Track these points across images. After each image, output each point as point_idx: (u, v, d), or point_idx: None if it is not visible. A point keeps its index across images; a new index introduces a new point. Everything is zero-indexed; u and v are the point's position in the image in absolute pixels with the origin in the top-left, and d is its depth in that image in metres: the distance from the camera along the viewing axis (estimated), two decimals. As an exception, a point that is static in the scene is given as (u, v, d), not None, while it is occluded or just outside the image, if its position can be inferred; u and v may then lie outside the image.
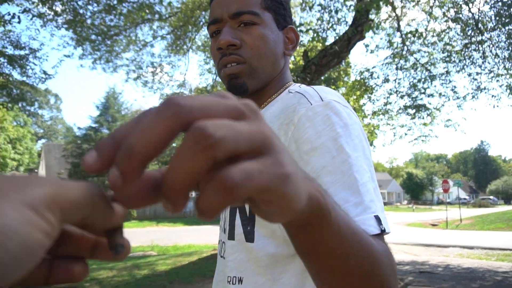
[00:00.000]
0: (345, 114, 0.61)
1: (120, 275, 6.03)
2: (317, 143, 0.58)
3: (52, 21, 8.34)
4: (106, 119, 25.37)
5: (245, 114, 0.24)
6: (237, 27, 0.73)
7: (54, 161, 33.08)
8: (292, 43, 0.80)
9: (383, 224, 0.52)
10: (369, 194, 0.54)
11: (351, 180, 0.54)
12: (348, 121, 0.60)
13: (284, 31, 0.78)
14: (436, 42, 8.04)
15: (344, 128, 0.58)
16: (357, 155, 0.57)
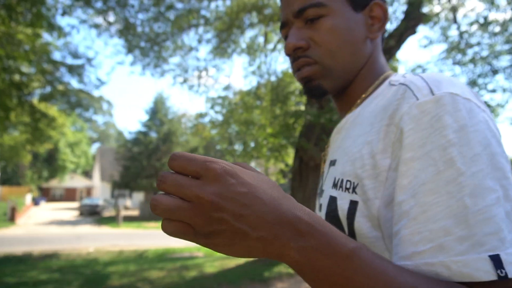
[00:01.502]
0: (465, 111, 0.45)
1: (170, 275, 6.15)
2: (420, 152, 0.45)
3: (106, 30, 8.78)
4: (154, 123, 26.41)
5: (202, 175, 0.37)
6: (304, 25, 0.64)
7: (107, 164, 35.05)
8: (379, 22, 0.65)
9: (506, 265, 0.38)
10: (487, 224, 0.40)
11: (458, 205, 0.41)
12: (467, 122, 0.45)
13: (366, 10, 0.64)
14: (500, 32, 7.40)
15: (459, 133, 0.44)
16: (476, 171, 0.42)
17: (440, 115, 0.45)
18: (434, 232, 0.41)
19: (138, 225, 19.93)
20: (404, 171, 0.46)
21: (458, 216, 0.40)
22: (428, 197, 0.43)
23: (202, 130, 16.14)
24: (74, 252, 11.89)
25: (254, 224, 0.36)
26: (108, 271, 7.05)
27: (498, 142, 0.46)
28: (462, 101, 0.46)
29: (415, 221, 0.43)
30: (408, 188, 0.45)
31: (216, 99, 13.42)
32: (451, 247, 0.40)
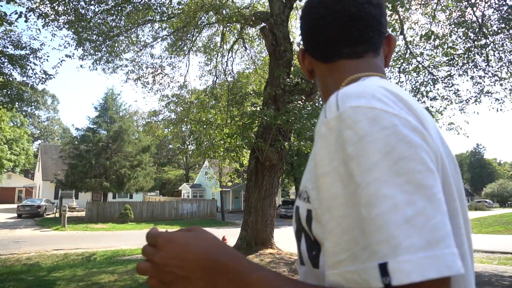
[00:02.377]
0: (366, 122, 0.46)
1: (122, 279, 5.94)
2: (329, 167, 0.48)
3: (54, 21, 8.27)
4: (104, 120, 25.24)
5: (158, 244, 0.52)
6: None
7: (50, 162, 32.87)
8: None
9: (392, 273, 0.39)
10: (380, 232, 0.41)
11: (358, 216, 0.43)
12: (367, 132, 0.45)
13: None
14: (440, 45, 8.05)
15: (357, 145, 0.45)
16: (370, 180, 0.43)
17: (341, 130, 0.47)
18: (348, 243, 0.44)
19: (85, 227, 18.94)
20: (319, 186, 0.50)
21: (360, 226, 0.43)
22: (340, 211, 0.45)
23: (155, 129, 15.72)
24: (12, 257, 11.00)
25: (192, 270, 0.49)
26: (53, 277, 6.65)
27: (408, 145, 0.45)
28: (365, 111, 0.47)
29: (332, 234, 0.46)
30: (323, 202, 0.49)
31: (171, 98, 13.16)
32: (359, 256, 0.42)
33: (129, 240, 14.67)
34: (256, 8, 10.81)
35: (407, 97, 0.52)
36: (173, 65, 12.88)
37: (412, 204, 0.41)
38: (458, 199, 0.53)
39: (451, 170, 0.54)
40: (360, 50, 0.68)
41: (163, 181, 44.58)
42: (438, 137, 0.54)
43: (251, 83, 12.66)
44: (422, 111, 0.53)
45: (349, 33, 0.67)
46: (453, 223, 0.46)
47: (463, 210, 0.53)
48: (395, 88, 0.54)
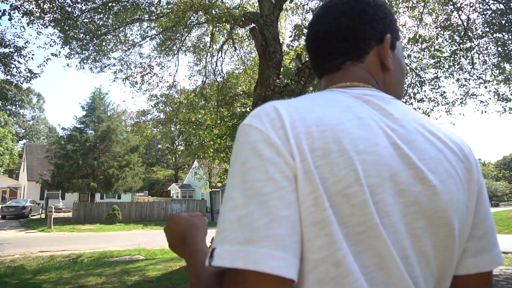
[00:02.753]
0: (241, 138, 0.56)
1: (110, 281, 5.86)
2: None
3: (39, 19, 8.11)
4: (92, 119, 24.90)
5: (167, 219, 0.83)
6: None
7: (36, 162, 32.27)
8: None
9: (214, 257, 0.48)
10: (221, 225, 0.51)
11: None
12: (238, 146, 0.55)
13: None
14: (427, 48, 8.16)
15: (232, 157, 0.56)
16: (229, 185, 0.54)
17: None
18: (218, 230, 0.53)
19: (72, 228, 18.66)
20: None
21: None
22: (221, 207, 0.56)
23: (144, 129, 15.56)
24: (-4, 260, 10.77)
25: (173, 238, 0.80)
26: (38, 280, 6.53)
27: (259, 157, 0.52)
28: (243, 129, 0.56)
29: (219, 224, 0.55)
30: None
31: (160, 97, 13.05)
32: (218, 240, 0.51)
33: (117, 241, 14.51)
34: (246, 9, 10.80)
35: (281, 117, 0.55)
36: (162, 64, 12.75)
37: (246, 206, 0.50)
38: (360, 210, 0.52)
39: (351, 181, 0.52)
40: (338, 62, 0.71)
41: (152, 181, 44.21)
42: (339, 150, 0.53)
43: (241, 84, 12.64)
44: (318, 127, 0.54)
45: (325, 49, 0.72)
46: (314, 229, 0.50)
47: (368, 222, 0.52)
48: (296, 105, 0.58)
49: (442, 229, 0.57)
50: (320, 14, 0.74)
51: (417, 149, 0.59)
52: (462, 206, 0.60)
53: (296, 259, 0.48)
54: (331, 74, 0.72)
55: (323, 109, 0.57)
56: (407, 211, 0.55)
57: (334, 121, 0.56)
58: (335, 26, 0.70)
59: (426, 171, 0.57)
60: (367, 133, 0.56)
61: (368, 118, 0.58)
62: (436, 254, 0.57)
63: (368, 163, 0.54)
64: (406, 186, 0.55)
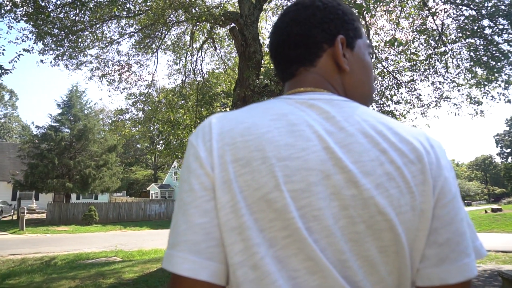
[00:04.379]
0: (186, 153, 0.63)
1: (84, 285, 5.70)
2: None
3: (10, 12, 7.82)
4: (68, 118, 24.22)
5: None
6: None
7: (8, 161, 31.13)
8: None
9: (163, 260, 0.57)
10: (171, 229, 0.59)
11: None
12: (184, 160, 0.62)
13: None
14: (403, 51, 8.35)
15: None
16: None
17: None
18: None
19: (46, 230, 18.09)
20: None
21: None
22: None
23: (122, 128, 15.25)
24: (-37, 264, 10.30)
25: None
26: (7, 285, 6.28)
27: (187, 170, 0.59)
28: (188, 142, 0.63)
29: None
30: None
31: (138, 96, 12.81)
32: None
33: (94, 243, 14.17)
34: (226, 8, 10.75)
35: (211, 131, 0.60)
36: (141, 63, 12.53)
37: (175, 215, 0.57)
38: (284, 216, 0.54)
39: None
40: (293, 69, 0.72)
41: (131, 181, 43.45)
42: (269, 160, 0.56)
43: (221, 83, 12.58)
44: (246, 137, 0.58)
45: (281, 58, 0.73)
46: (232, 234, 0.54)
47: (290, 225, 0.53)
48: (231, 116, 0.62)
49: (385, 234, 0.55)
50: (276, 24, 0.75)
51: (354, 152, 0.57)
52: (407, 210, 0.56)
53: (211, 262, 0.53)
54: (289, 81, 0.73)
55: (254, 119, 0.60)
56: (342, 215, 0.55)
57: (261, 130, 0.58)
58: (286, 34, 0.71)
59: (358, 174, 0.56)
60: (295, 139, 0.57)
61: (302, 124, 0.59)
62: (384, 260, 0.56)
63: (292, 169, 0.55)
64: (338, 190, 0.55)
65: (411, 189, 0.57)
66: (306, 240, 0.53)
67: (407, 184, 0.57)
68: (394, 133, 0.61)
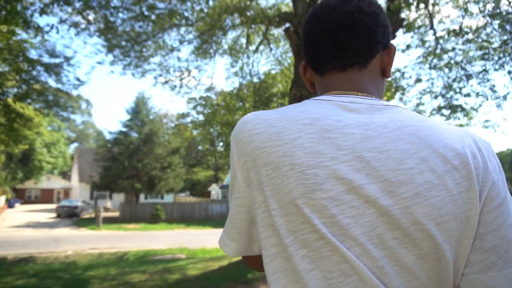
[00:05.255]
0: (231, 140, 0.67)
1: (152, 279, 6.09)
2: None
3: (85, 29, 8.61)
4: (135, 123, 25.99)
5: None
6: None
7: (86, 165, 34.27)
8: None
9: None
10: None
11: None
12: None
13: None
14: (473, 39, 7.67)
15: None
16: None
17: None
18: None
19: (119, 227, 19.60)
20: None
21: None
22: None
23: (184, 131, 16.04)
24: (51, 256, 11.57)
25: None
26: (88, 275, 6.93)
27: (231, 168, 0.66)
28: (233, 131, 0.66)
29: None
30: None
31: (198, 100, 13.37)
32: None
33: (160, 240, 15.03)
34: (280, 9, 10.78)
35: (241, 131, 0.63)
36: (200, 68, 13.05)
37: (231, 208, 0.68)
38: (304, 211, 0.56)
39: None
40: (346, 63, 0.68)
41: (193, 182, 45.31)
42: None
43: (278, 84, 12.63)
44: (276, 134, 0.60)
45: (338, 43, 0.67)
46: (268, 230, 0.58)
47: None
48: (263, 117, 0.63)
49: (424, 243, 0.54)
50: (334, 4, 0.68)
51: (392, 159, 0.56)
52: (450, 219, 0.55)
53: (241, 245, 0.69)
54: (334, 75, 0.69)
55: (285, 123, 0.60)
56: (377, 223, 0.54)
57: (291, 136, 0.59)
58: (353, 20, 0.66)
59: (395, 183, 0.55)
60: (326, 147, 0.57)
61: (335, 130, 0.58)
62: (425, 266, 0.54)
63: (321, 177, 0.55)
64: (372, 199, 0.54)
65: (453, 197, 0.55)
66: (337, 244, 0.53)
67: (449, 192, 0.55)
68: (438, 139, 0.59)
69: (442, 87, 8.72)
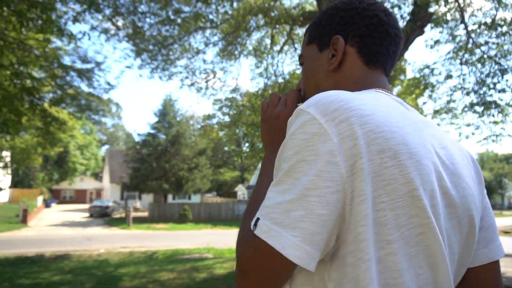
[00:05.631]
0: (297, 123, 0.57)
1: (180, 277, 6.22)
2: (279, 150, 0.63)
3: (115, 35, 8.91)
4: (163, 125, 26.57)
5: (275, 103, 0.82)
6: None
7: (116, 166, 35.39)
8: (336, 53, 0.73)
9: (257, 226, 0.55)
10: (267, 200, 0.56)
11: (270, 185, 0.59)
12: (293, 130, 0.57)
13: (330, 48, 0.74)
14: (507, 32, 7.33)
15: (286, 139, 0.59)
16: (281, 168, 0.57)
17: (289, 123, 0.61)
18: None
19: (148, 227, 20.11)
20: None
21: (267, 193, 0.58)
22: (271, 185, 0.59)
23: (210, 132, 16.23)
24: (85, 254, 12.05)
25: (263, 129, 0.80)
26: (119, 273, 7.16)
27: (311, 151, 0.54)
28: (302, 114, 0.57)
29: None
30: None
31: (224, 101, 13.51)
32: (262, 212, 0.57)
33: (188, 240, 15.30)
34: (304, 8, 10.73)
35: (346, 111, 0.55)
36: (225, 69, 13.19)
37: (289, 194, 0.53)
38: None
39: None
40: (390, 67, 0.76)
41: (220, 182, 45.80)
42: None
43: (302, 83, 12.56)
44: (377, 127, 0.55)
45: (395, 51, 0.75)
46: (369, 229, 0.53)
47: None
48: (361, 98, 0.58)
49: (466, 228, 0.63)
50: (388, 14, 0.73)
51: (450, 154, 0.64)
52: (479, 205, 0.67)
53: (319, 253, 0.52)
54: (381, 72, 0.73)
55: (387, 110, 0.58)
56: (445, 212, 0.60)
57: (399, 124, 0.57)
58: (398, 30, 0.74)
59: (456, 176, 0.63)
60: (423, 140, 0.60)
61: (419, 123, 0.63)
62: (459, 250, 0.63)
63: (430, 169, 0.57)
64: (447, 190, 0.60)
65: (477, 186, 0.68)
66: (437, 237, 0.55)
67: (475, 184, 0.68)
68: (452, 141, 0.69)
69: (475, 83, 8.39)
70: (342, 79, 0.72)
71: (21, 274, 7.28)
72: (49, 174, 41.10)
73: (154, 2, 7.98)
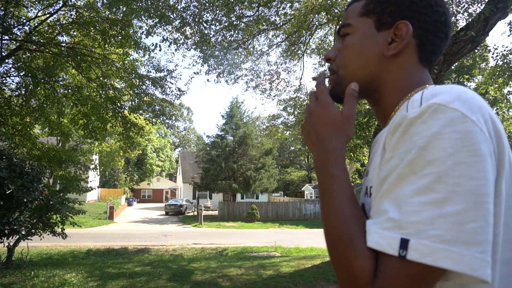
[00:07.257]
0: (444, 120, 0.49)
1: (248, 273, 6.43)
2: (395, 152, 0.54)
3: (183, 44, 9.50)
4: (231, 126, 27.46)
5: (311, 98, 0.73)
6: (341, 40, 0.76)
7: (188, 167, 37.42)
8: (400, 39, 0.67)
9: (408, 250, 0.46)
10: (414, 215, 0.47)
11: (400, 195, 0.50)
12: (440, 129, 0.49)
13: (391, 29, 0.68)
14: None
15: (427, 139, 0.49)
16: (428, 172, 0.48)
17: (417, 123, 0.52)
18: (380, 210, 0.53)
19: (218, 225, 20.97)
20: (384, 167, 0.56)
21: (397, 202, 0.50)
22: (386, 186, 0.53)
23: (275, 132, 16.40)
24: (162, 248, 13.01)
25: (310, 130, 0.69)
26: (192, 267, 7.63)
27: (472, 151, 0.48)
28: (445, 110, 0.50)
29: (378, 199, 0.54)
30: (381, 180, 0.56)
31: (288, 101, 13.58)
32: (381, 221, 0.51)
33: (256, 238, 15.64)
34: (368, 1, 10.35)
35: (486, 107, 0.54)
36: (289, 69, 13.26)
37: (454, 204, 0.46)
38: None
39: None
40: (434, 62, 0.72)
41: (286, 182, 45.92)
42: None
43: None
44: (496, 119, 0.55)
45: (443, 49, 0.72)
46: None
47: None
48: (477, 96, 0.55)
49: None
50: (450, 16, 0.73)
51: None
52: None
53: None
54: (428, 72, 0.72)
55: None
56: None
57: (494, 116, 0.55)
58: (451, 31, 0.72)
59: None
60: None
61: None
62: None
63: None
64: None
65: None
66: None
67: None
68: None
69: None
70: (396, 68, 0.68)
71: (109, 264, 8.13)
72: (130, 175, 44.99)
73: (219, 9, 8.34)
